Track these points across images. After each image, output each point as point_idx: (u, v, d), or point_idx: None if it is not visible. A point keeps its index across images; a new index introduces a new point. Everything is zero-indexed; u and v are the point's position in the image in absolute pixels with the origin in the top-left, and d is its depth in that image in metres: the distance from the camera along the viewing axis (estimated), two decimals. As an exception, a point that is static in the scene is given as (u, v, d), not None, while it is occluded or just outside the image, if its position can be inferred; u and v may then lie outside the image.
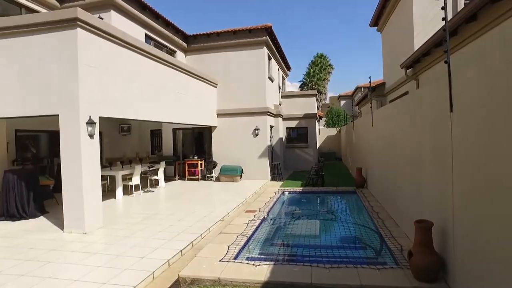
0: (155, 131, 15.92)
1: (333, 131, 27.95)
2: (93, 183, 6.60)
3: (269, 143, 14.17)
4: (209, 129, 14.39)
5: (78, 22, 6.22)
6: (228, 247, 5.23)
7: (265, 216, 7.55)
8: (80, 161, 6.28)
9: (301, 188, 11.46)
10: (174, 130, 15.06)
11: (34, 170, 8.60)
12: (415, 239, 3.86)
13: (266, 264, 4.50)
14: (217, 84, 14.04)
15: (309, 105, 18.56)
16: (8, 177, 7.61)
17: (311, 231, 7.17)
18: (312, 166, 13.59)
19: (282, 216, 8.36)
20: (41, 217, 7.70)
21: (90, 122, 6.44)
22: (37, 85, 6.50)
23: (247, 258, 4.92)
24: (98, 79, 6.78)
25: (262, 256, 5.18)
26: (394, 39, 12.68)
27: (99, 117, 6.74)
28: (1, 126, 7.92)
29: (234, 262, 4.61)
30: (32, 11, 9.02)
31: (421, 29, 9.81)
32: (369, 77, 10.11)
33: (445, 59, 3.52)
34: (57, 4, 9.88)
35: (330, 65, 37.74)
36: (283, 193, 10.76)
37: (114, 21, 10.16)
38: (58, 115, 6.37)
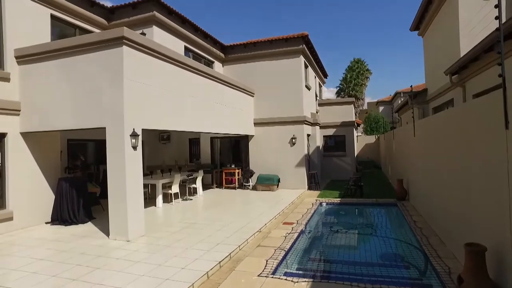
0: (194, 140, 16.36)
1: (371, 139, 27.13)
2: (136, 192, 6.91)
3: (306, 152, 14.03)
4: (246, 138, 14.54)
5: (124, 40, 6.60)
6: (266, 261, 5.22)
7: (303, 229, 7.45)
8: (125, 172, 6.61)
9: (339, 199, 11.20)
10: (211, 138, 15.39)
11: (83, 178, 9.18)
12: (465, 263, 3.62)
13: (305, 281, 4.44)
14: (254, 94, 14.20)
15: (347, 113, 18.17)
16: (62, 185, 8.19)
17: (350, 246, 6.98)
18: (350, 177, 13.24)
19: (320, 229, 8.21)
20: (89, 223, 8.19)
21: (134, 135, 6.76)
22: (87, 100, 6.98)
23: (285, 274, 4.88)
24: (141, 93, 7.13)
25: (300, 272, 5.11)
26: (437, 44, 12.10)
27: (142, 129, 7.07)
28: (56, 137, 8.57)
29: (272, 277, 4.59)
30: (85, 30, 9.72)
31: (467, 33, 9.28)
32: (411, 86, 9.74)
33: (499, 73, 3.30)
34: (105, 22, 10.55)
35: (367, 70, 36.79)
36: (320, 204, 10.57)
37: (156, 35, 10.65)
38: (105, 127, 6.79)
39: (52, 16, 8.67)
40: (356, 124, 20.87)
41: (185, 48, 12.40)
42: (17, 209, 7.55)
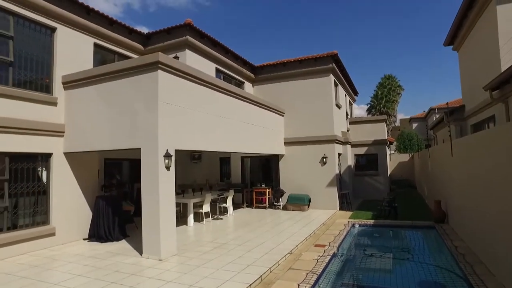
0: (224, 159, 16.51)
1: (405, 157, 26.18)
2: (169, 212, 7.05)
3: (337, 171, 13.75)
4: (276, 157, 14.52)
5: (159, 65, 6.92)
6: (298, 285, 5.08)
7: (335, 252, 7.22)
8: (158, 192, 6.79)
9: (373, 220, 10.78)
10: (242, 158, 15.48)
11: (119, 196, 9.53)
12: (517, 297, 3.32)
13: (339, 308, 4.27)
14: (284, 113, 14.26)
15: (379, 131, 17.73)
16: (99, 202, 8.55)
17: (385, 272, 6.67)
18: (383, 197, 12.77)
19: (352, 252, 7.93)
20: (123, 240, 8.42)
21: (167, 155, 6.97)
22: (124, 122, 7.33)
23: (318, 299, 4.73)
24: (175, 115, 7.38)
25: (334, 298, 4.93)
26: (474, 59, 11.65)
27: (175, 150, 7.28)
28: (95, 157, 9.02)
29: (304, 303, 4.46)
30: (123, 55, 10.34)
31: (508, 46, 8.88)
32: (447, 103, 9.38)
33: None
34: (142, 47, 11.16)
35: (399, 86, 35.91)
36: (353, 225, 10.23)
37: (189, 58, 11.07)
38: (140, 148, 7.06)
39: (95, 44, 9.32)
40: (388, 142, 20.27)
41: (216, 69, 12.77)
42: (59, 225, 7.96)
